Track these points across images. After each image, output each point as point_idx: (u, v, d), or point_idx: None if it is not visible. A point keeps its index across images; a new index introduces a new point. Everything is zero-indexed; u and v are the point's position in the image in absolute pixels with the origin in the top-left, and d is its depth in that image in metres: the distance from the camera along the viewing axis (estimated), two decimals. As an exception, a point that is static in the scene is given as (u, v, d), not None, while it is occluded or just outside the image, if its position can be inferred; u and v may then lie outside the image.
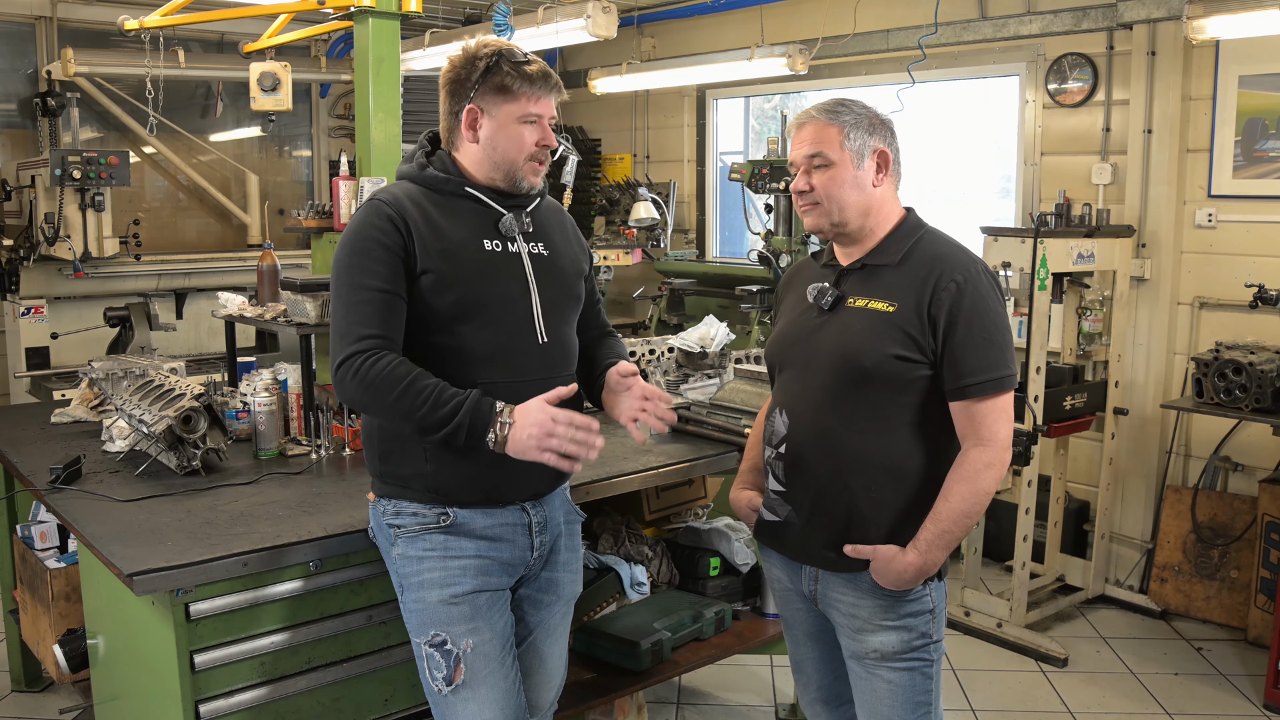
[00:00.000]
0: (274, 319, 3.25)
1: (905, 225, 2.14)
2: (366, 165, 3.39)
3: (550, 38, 4.77)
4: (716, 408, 3.19)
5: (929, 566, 2.04)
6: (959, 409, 2.03)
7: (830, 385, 2.07)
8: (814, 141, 2.09)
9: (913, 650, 2.10)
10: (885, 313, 2.04)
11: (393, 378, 1.91)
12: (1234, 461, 4.34)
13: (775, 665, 3.89)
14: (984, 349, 2.00)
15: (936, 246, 2.10)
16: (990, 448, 2.01)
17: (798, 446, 2.12)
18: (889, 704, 2.12)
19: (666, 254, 6.17)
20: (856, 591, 2.11)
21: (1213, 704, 3.66)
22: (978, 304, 2.00)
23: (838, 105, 2.11)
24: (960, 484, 2.02)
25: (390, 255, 1.98)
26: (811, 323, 2.15)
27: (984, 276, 2.04)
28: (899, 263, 2.08)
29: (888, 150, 2.11)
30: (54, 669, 2.97)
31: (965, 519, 2.02)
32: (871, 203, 2.10)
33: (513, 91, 2.04)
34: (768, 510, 2.22)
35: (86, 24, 5.86)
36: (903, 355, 2.01)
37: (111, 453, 2.92)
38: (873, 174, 2.10)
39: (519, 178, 2.10)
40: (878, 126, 2.11)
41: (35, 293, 4.97)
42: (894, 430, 2.05)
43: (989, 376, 1.99)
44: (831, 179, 2.08)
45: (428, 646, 2.06)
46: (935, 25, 4.67)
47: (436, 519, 2.06)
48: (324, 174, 6.90)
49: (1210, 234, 4.33)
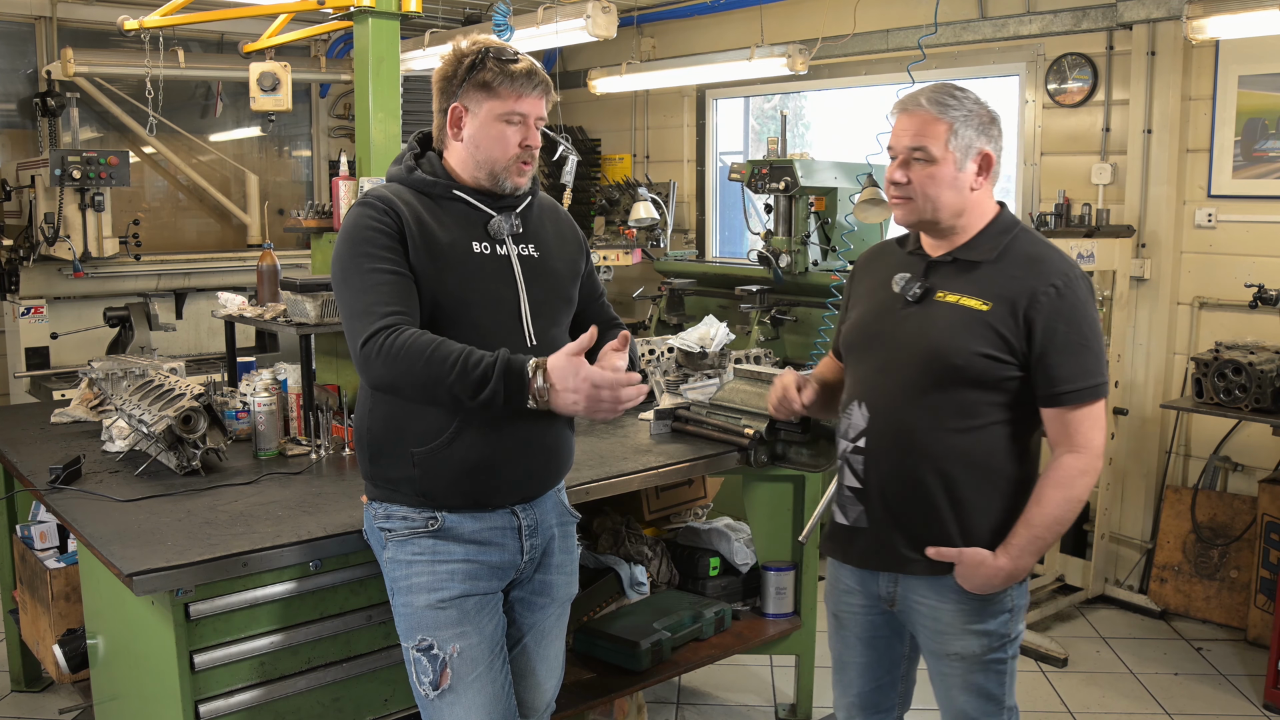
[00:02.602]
0: (274, 319, 3.25)
1: (999, 222, 2.08)
2: (366, 165, 3.39)
3: (550, 38, 4.77)
4: (716, 408, 3.19)
5: (1019, 572, 2.01)
6: (1053, 415, 2.00)
7: (916, 381, 2.03)
8: (918, 134, 2.01)
9: (992, 651, 2.08)
10: (978, 310, 1.99)
11: (417, 346, 1.86)
12: (1234, 461, 4.34)
13: (775, 665, 3.89)
14: (1081, 356, 1.96)
15: (1034, 247, 2.05)
16: (1085, 454, 1.98)
17: (877, 441, 2.08)
18: (964, 698, 2.11)
19: (666, 254, 6.16)
20: (938, 594, 2.07)
21: (1213, 704, 3.66)
22: (1076, 310, 1.97)
23: (948, 97, 2.01)
24: (1054, 489, 1.98)
25: (392, 242, 1.98)
26: (896, 313, 2.09)
27: (1081, 282, 2.00)
28: (995, 260, 2.03)
29: (992, 154, 2.03)
30: (54, 669, 2.97)
31: (1058, 525, 2.00)
32: (967, 204, 2.04)
33: (494, 89, 2.02)
34: (838, 510, 2.17)
35: (86, 24, 5.85)
36: (992, 355, 1.97)
37: (111, 453, 2.92)
38: (973, 176, 2.03)
39: (502, 178, 2.07)
40: (987, 125, 2.02)
41: (35, 293, 4.97)
42: (979, 430, 2.01)
43: (1085, 384, 1.97)
44: (930, 177, 2.01)
45: (415, 651, 2.06)
46: (935, 25, 4.67)
47: (425, 523, 2.05)
48: (324, 174, 6.90)
49: (1210, 234, 4.33)
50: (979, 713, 2.11)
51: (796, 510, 3.29)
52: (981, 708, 2.11)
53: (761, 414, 3.07)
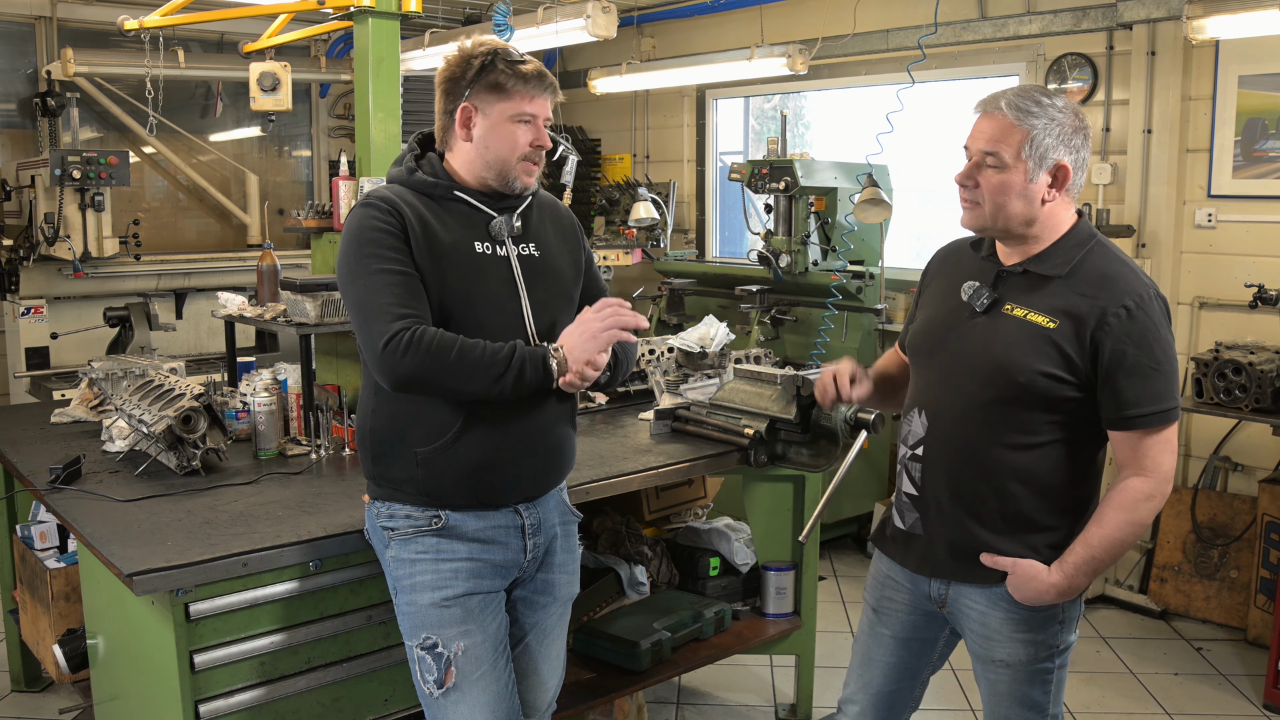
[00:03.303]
0: (274, 319, 3.25)
1: (1075, 234, 2.00)
2: (366, 165, 3.39)
3: (550, 38, 4.77)
4: (716, 408, 3.19)
5: (1072, 590, 1.97)
6: (1121, 439, 1.95)
7: (978, 394, 1.99)
8: (993, 138, 1.94)
9: (1039, 661, 2.05)
10: (1045, 328, 1.93)
11: (445, 339, 1.92)
12: (1234, 461, 4.34)
13: (775, 665, 3.89)
14: (1152, 380, 1.91)
15: (1109, 264, 1.97)
16: (1153, 479, 1.93)
17: (935, 452, 2.05)
18: (1008, 705, 2.09)
19: (666, 254, 6.17)
20: (989, 601, 2.04)
21: (1213, 704, 3.66)
22: (1149, 332, 1.90)
23: (1033, 104, 1.93)
24: (1117, 511, 1.94)
25: (398, 242, 1.99)
26: (963, 322, 2.05)
27: (1156, 302, 1.93)
28: (1066, 275, 1.96)
29: (1068, 165, 1.95)
30: (54, 669, 2.97)
31: (1117, 548, 1.95)
32: (1037, 216, 1.97)
33: (507, 90, 2.03)
34: (896, 514, 2.16)
35: (86, 24, 5.85)
36: (1055, 374, 1.92)
37: (111, 453, 2.92)
38: (1045, 187, 1.95)
39: (512, 177, 2.09)
40: (1069, 136, 1.94)
41: (35, 293, 4.97)
42: (1039, 447, 1.97)
43: (1156, 409, 1.91)
44: (1000, 184, 1.94)
45: (419, 649, 2.06)
46: (935, 25, 4.67)
47: (429, 522, 2.06)
48: (324, 174, 6.90)
49: (1210, 234, 4.33)
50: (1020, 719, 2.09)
51: (796, 510, 3.29)
52: (1025, 716, 2.08)
53: (762, 414, 3.07)
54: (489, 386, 1.94)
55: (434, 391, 1.98)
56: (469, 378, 1.93)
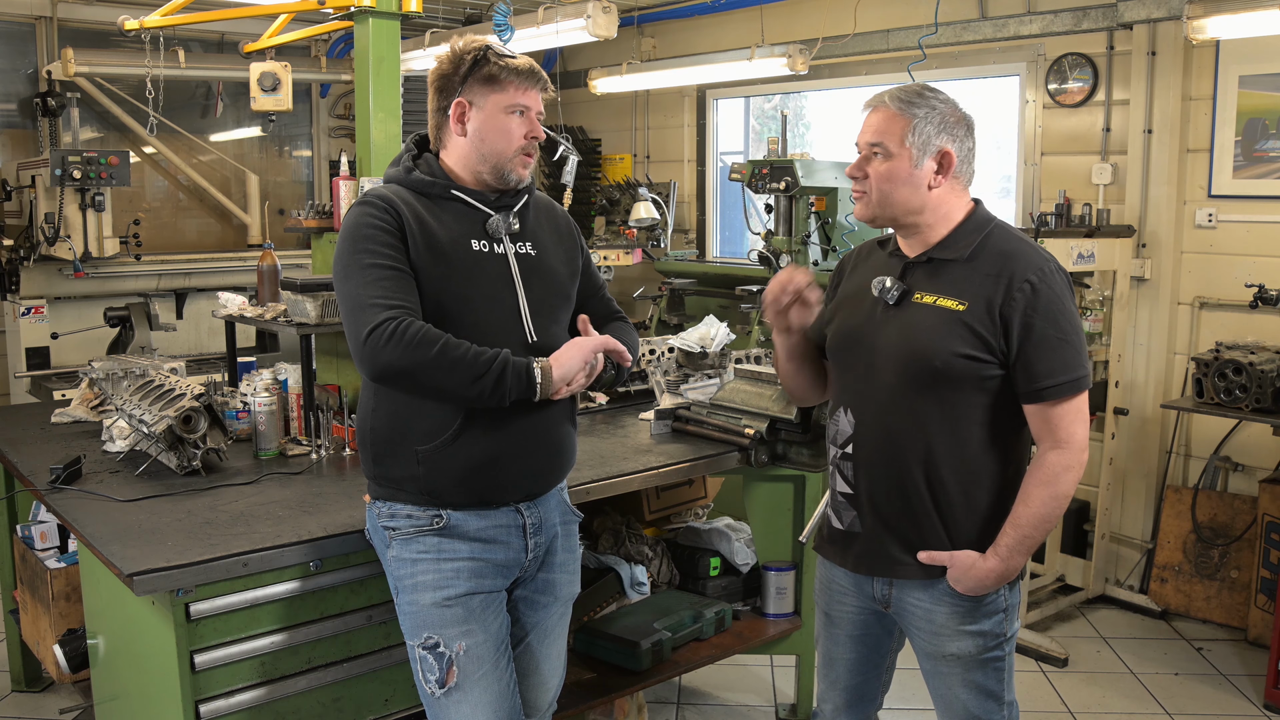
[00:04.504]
0: (274, 319, 3.25)
1: (973, 219, 2.07)
2: (366, 165, 3.39)
3: (550, 38, 4.77)
4: (716, 408, 3.19)
5: (1009, 572, 2.01)
6: (1034, 411, 1.99)
7: (897, 385, 2.03)
8: (878, 130, 2.02)
9: (988, 650, 2.09)
10: (955, 311, 1.99)
11: (430, 335, 1.91)
12: (1234, 461, 4.34)
13: (775, 665, 3.89)
14: (1060, 350, 1.95)
15: (1008, 243, 2.03)
16: (1068, 450, 1.97)
17: (864, 448, 2.08)
18: (965, 695, 2.12)
19: (666, 254, 6.16)
20: (932, 597, 2.07)
21: (1213, 704, 3.66)
22: (1052, 305, 1.95)
23: (915, 96, 2.02)
24: (1039, 488, 1.98)
25: (393, 239, 2.00)
26: (876, 318, 2.09)
27: (1057, 275, 1.99)
28: (968, 258, 2.02)
29: (952, 151, 2.02)
30: (54, 669, 2.97)
31: (1045, 523, 1.99)
32: (926, 203, 2.03)
33: (500, 81, 2.05)
34: (833, 515, 2.18)
35: (86, 24, 5.86)
36: (972, 355, 1.97)
37: (111, 453, 2.92)
38: (931, 174, 2.01)
39: (507, 170, 2.09)
40: (951, 125, 2.02)
41: (35, 293, 4.97)
42: (963, 431, 2.01)
43: (1065, 379, 1.95)
44: (886, 172, 2.01)
45: (421, 649, 2.06)
46: (935, 25, 4.67)
47: (430, 521, 2.06)
48: (324, 174, 6.91)
49: (1210, 234, 4.33)
50: (981, 710, 2.12)
51: (797, 510, 3.28)
52: (983, 705, 2.12)
53: (762, 414, 3.07)
54: (467, 386, 1.93)
55: (413, 386, 1.97)
56: (448, 375, 1.91)
